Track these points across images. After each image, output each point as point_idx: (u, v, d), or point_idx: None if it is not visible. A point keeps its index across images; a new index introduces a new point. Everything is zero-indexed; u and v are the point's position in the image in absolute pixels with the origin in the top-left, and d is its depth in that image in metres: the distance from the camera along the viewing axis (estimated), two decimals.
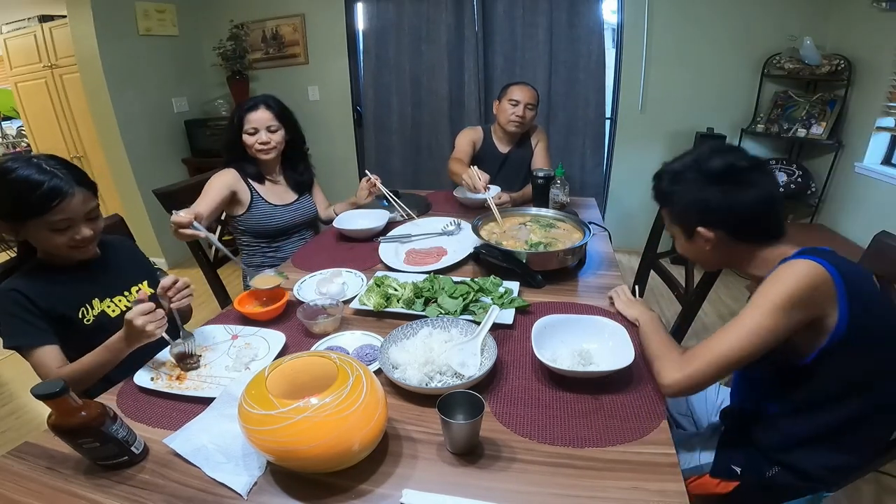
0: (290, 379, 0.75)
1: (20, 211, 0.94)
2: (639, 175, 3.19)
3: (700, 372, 0.81)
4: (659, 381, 0.85)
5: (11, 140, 4.43)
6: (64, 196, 0.95)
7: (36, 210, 0.94)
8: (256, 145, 1.62)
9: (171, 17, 3.22)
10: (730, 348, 0.79)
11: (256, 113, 1.61)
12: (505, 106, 2.05)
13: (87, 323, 1.06)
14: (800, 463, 0.89)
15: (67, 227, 0.99)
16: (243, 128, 1.61)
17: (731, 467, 0.95)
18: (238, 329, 1.11)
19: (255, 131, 1.61)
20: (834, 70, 2.53)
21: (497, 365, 0.94)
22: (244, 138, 1.62)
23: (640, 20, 2.86)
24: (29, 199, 0.93)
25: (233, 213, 1.68)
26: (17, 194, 0.93)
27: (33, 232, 0.98)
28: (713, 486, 0.96)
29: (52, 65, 3.31)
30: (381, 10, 3.12)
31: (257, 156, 1.65)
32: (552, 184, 1.77)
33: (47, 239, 0.98)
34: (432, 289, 1.20)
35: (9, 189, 0.93)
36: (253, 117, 1.60)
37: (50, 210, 0.94)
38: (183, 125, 3.37)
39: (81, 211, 1.00)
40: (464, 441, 0.74)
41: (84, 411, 0.68)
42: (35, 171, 0.94)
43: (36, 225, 0.96)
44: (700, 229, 0.91)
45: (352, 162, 3.64)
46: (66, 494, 0.70)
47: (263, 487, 0.71)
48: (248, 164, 1.68)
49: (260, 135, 1.61)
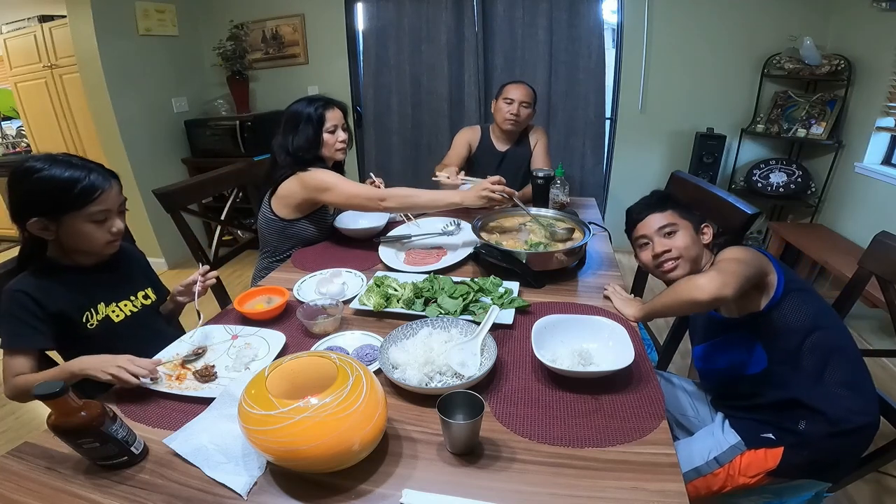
0: (290, 379, 0.75)
1: (61, 205, 0.96)
2: (639, 175, 3.20)
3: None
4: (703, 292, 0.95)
5: (11, 140, 4.43)
6: (104, 188, 0.99)
7: (79, 203, 0.96)
8: (337, 143, 1.58)
9: (170, 17, 3.22)
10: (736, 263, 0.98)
11: (333, 111, 1.56)
12: (500, 105, 2.05)
13: (91, 327, 1.05)
14: (821, 406, 0.95)
15: (105, 220, 1.02)
16: (324, 125, 1.54)
17: (762, 436, 0.99)
18: (238, 329, 1.11)
19: (335, 129, 1.56)
20: (834, 70, 2.53)
21: (497, 365, 0.94)
22: (325, 137, 1.55)
23: (640, 20, 2.86)
24: (71, 193, 0.95)
25: (319, 201, 1.58)
26: (58, 189, 0.95)
27: (70, 226, 0.98)
28: (762, 460, 0.98)
29: (52, 65, 3.31)
30: (381, 10, 3.12)
31: (335, 156, 1.60)
32: (552, 184, 1.77)
33: (86, 233, 1.00)
34: (432, 289, 1.20)
35: (48, 184, 0.94)
36: (331, 115, 1.55)
37: (92, 201, 0.97)
38: (183, 125, 3.37)
39: (116, 203, 1.03)
40: (464, 441, 0.74)
41: (84, 411, 0.68)
42: (69, 168, 0.96)
43: (74, 218, 0.97)
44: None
45: (352, 162, 3.64)
46: (66, 494, 0.70)
47: (263, 487, 0.71)
48: (316, 163, 1.55)
49: (338, 133, 1.57)
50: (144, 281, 1.22)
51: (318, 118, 1.53)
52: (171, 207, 1.61)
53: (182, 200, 1.65)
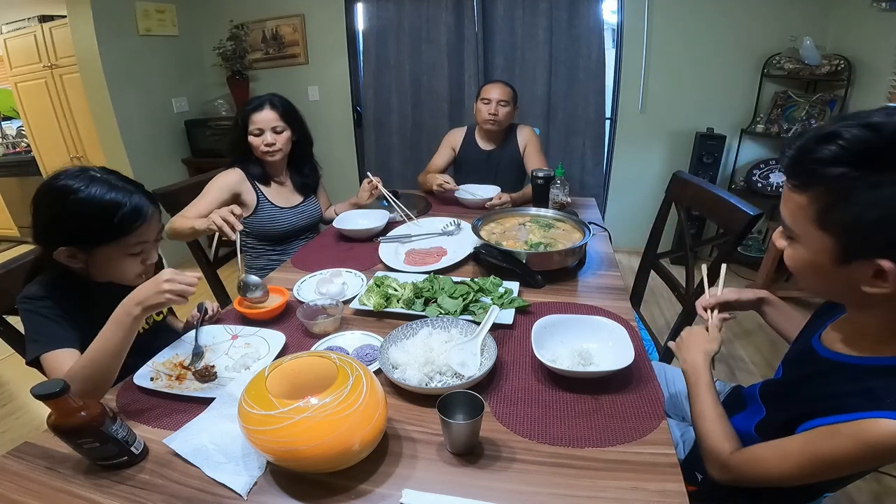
0: (290, 379, 0.75)
1: (97, 236, 0.85)
2: (639, 175, 3.20)
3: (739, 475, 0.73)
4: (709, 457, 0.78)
5: (11, 140, 4.43)
6: (147, 216, 0.88)
7: (116, 232, 0.85)
8: (262, 147, 1.58)
9: (171, 17, 3.22)
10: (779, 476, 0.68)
11: (261, 113, 1.56)
12: (479, 106, 2.06)
13: None
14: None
15: (140, 252, 0.92)
16: (248, 129, 1.57)
17: (694, 473, 0.93)
18: (238, 329, 1.11)
19: (261, 132, 1.57)
20: (834, 70, 2.53)
21: (497, 365, 0.94)
22: (249, 140, 1.58)
23: (640, 20, 2.86)
24: (111, 222, 0.84)
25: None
26: (96, 217, 0.83)
27: (102, 257, 0.88)
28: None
29: (52, 65, 3.31)
30: (381, 10, 3.12)
31: (263, 157, 1.62)
32: (552, 184, 1.77)
33: (118, 266, 0.90)
34: (432, 289, 1.20)
35: (86, 209, 0.82)
36: (258, 118, 1.56)
37: (132, 232, 0.86)
38: (183, 125, 3.37)
39: (155, 233, 0.93)
40: (464, 441, 0.74)
41: (84, 411, 0.68)
42: (110, 189, 0.85)
43: (109, 250, 0.87)
44: (885, 263, 0.56)
45: (351, 162, 3.64)
46: (66, 494, 0.70)
47: (263, 487, 0.71)
48: (253, 165, 1.64)
49: (265, 136, 1.58)
50: None
51: (243, 121, 1.57)
52: (171, 207, 1.61)
53: (182, 200, 1.65)
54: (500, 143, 2.16)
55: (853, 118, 0.56)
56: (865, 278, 0.59)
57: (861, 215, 0.55)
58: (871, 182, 0.54)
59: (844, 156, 0.55)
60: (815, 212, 0.59)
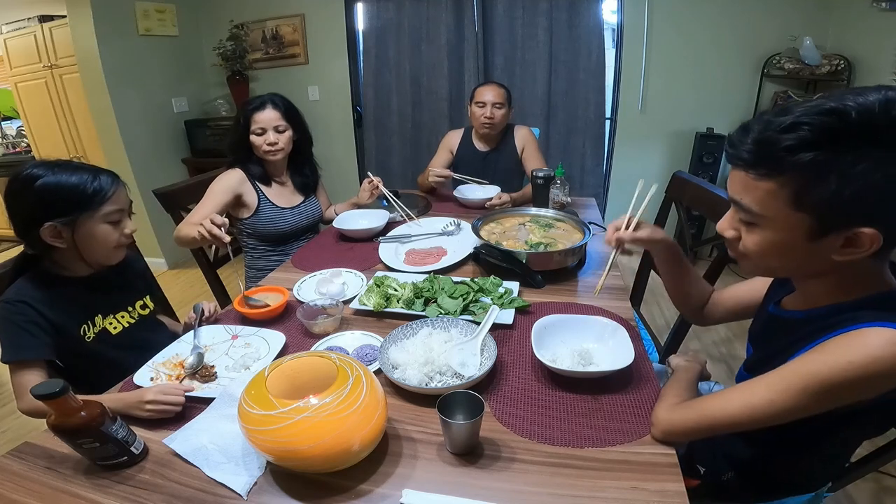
0: (289, 379, 0.75)
1: (78, 206, 0.95)
2: (639, 175, 3.17)
3: (681, 423, 0.73)
4: (651, 418, 0.79)
5: (11, 140, 4.43)
6: (116, 186, 1.00)
7: (95, 202, 0.96)
8: (264, 146, 1.58)
9: (170, 17, 3.22)
10: (723, 416, 0.68)
11: (264, 112, 1.57)
12: (474, 109, 2.05)
13: (88, 340, 1.03)
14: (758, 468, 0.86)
15: (119, 220, 1.02)
16: (250, 128, 1.57)
17: (696, 466, 0.94)
18: (238, 329, 1.11)
19: (263, 132, 1.57)
20: (834, 70, 2.53)
21: (497, 365, 0.94)
22: (251, 139, 1.58)
23: (640, 20, 2.86)
24: (86, 192, 0.95)
25: (238, 216, 1.67)
26: (71, 190, 0.94)
27: (86, 229, 0.97)
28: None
29: (52, 65, 3.31)
30: (381, 10, 3.12)
31: (265, 157, 1.62)
32: (552, 184, 1.77)
33: (101, 235, 0.99)
34: (432, 289, 1.20)
35: (59, 188, 0.93)
36: (260, 117, 1.56)
37: (107, 200, 0.97)
38: (183, 125, 3.37)
39: (127, 203, 1.04)
40: (464, 441, 0.74)
41: (84, 411, 0.68)
42: (74, 171, 0.96)
43: (90, 220, 0.97)
44: (865, 230, 0.58)
45: (352, 162, 3.64)
46: (66, 494, 0.70)
47: (263, 487, 0.71)
48: (254, 165, 1.64)
49: (268, 135, 1.58)
50: (143, 289, 1.21)
51: (245, 120, 1.57)
52: (171, 207, 1.61)
53: (182, 200, 1.65)
54: (496, 144, 2.16)
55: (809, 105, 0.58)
56: (835, 248, 0.61)
57: (839, 191, 0.56)
58: (845, 160, 0.55)
59: (814, 140, 0.56)
60: (788, 194, 0.60)
